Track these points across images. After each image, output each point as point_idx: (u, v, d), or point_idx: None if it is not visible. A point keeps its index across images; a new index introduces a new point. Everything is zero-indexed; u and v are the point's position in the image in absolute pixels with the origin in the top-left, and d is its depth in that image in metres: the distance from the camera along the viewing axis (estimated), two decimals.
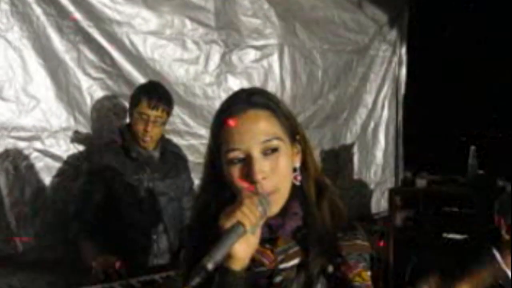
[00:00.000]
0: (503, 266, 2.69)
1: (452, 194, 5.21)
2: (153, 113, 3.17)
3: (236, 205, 1.30)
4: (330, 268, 1.41)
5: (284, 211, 1.43)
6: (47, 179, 3.49)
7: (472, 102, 5.15)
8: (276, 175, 1.38)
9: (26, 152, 3.42)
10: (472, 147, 4.94)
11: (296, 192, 1.46)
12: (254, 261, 1.39)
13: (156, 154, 3.32)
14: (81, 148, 3.59)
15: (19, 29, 3.37)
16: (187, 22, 4.04)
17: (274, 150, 1.38)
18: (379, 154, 5.62)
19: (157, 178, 3.28)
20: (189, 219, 1.63)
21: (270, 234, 1.43)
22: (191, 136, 4.07)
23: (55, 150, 3.52)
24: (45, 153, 3.48)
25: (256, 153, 1.37)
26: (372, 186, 5.59)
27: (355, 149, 5.40)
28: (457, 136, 5.23)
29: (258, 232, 1.33)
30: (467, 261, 2.77)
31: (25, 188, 3.41)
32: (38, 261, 3.36)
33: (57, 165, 3.52)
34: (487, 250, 2.74)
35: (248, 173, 1.36)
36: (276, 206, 1.40)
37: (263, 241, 1.39)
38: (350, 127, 5.34)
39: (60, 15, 3.49)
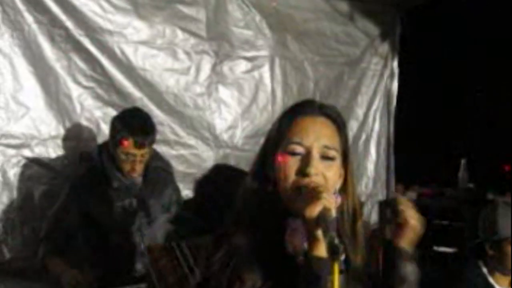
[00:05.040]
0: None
1: (442, 207, 5.21)
2: (140, 152, 3.06)
3: (307, 195, 1.34)
4: None
5: None
6: (35, 187, 3.49)
7: (464, 116, 5.17)
8: (325, 182, 1.43)
9: (15, 159, 3.43)
10: (463, 160, 4.96)
11: None
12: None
13: (139, 179, 3.21)
14: (70, 157, 3.59)
15: (10, 37, 3.40)
16: (179, 32, 4.04)
17: (331, 159, 1.45)
18: (370, 167, 5.60)
19: (140, 201, 3.19)
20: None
21: None
22: (180, 146, 4.04)
23: (44, 158, 3.52)
24: (34, 161, 3.48)
25: (315, 152, 1.43)
26: (363, 199, 5.57)
27: None
28: (448, 149, 5.24)
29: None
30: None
31: (14, 195, 3.42)
32: (26, 269, 3.34)
33: (46, 173, 3.52)
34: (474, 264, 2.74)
35: (303, 165, 1.42)
36: None
37: None
38: None
39: (51, 23, 3.51)
